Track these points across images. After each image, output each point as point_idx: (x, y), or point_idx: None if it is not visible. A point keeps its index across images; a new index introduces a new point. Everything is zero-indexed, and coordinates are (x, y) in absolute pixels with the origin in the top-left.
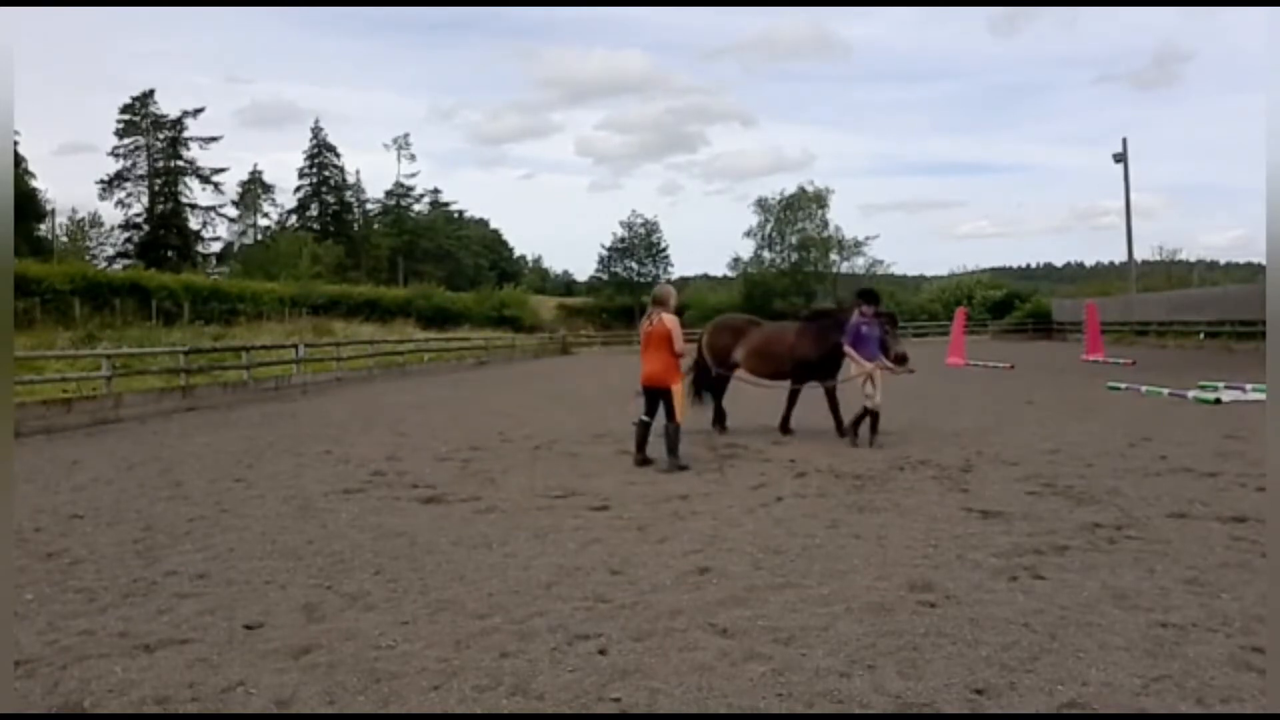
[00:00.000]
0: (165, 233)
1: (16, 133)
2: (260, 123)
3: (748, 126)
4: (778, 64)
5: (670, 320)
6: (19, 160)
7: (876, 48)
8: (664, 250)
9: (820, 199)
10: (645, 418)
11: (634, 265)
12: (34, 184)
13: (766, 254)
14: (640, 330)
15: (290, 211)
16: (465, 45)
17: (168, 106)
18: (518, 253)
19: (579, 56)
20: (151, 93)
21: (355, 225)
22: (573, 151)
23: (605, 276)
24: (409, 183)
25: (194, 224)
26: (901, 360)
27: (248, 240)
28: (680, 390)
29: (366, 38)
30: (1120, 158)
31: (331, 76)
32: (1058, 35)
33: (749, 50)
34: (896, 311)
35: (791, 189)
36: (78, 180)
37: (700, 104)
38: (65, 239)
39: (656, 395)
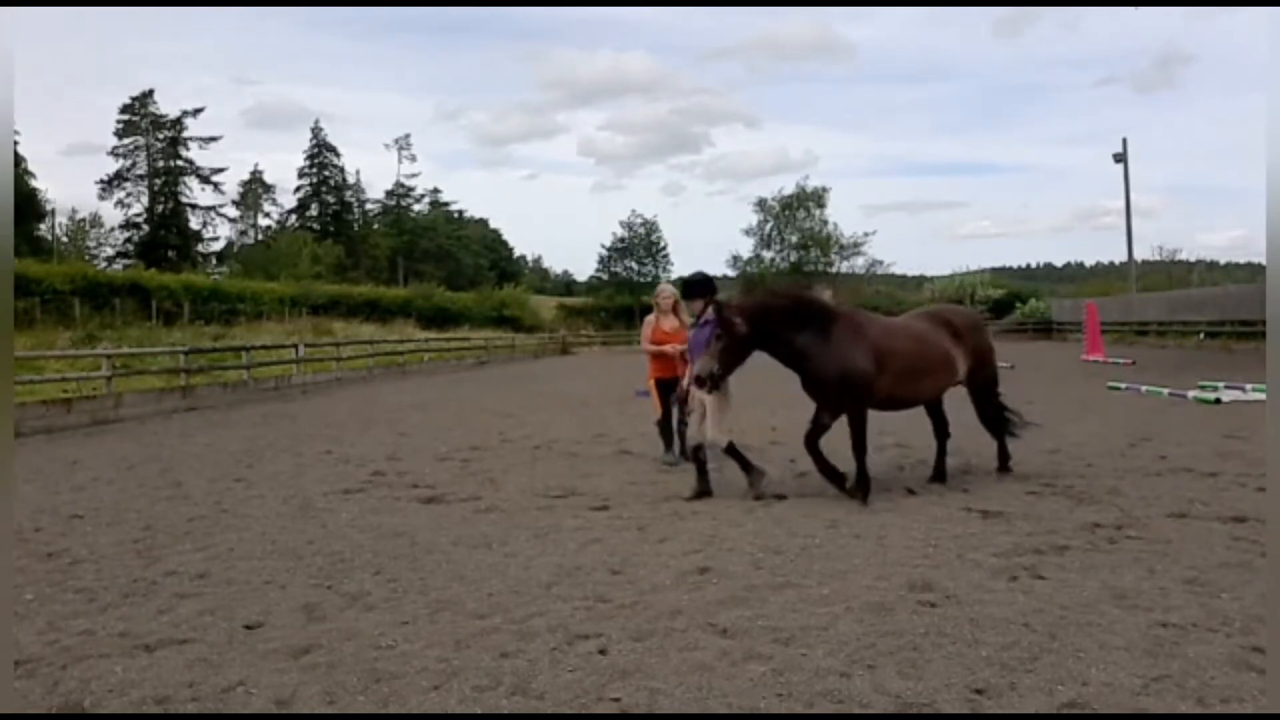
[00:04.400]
0: (165, 233)
1: (17, 133)
2: (267, 123)
3: (751, 127)
4: (782, 65)
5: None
6: (19, 160)
7: (880, 49)
8: (664, 250)
9: (818, 197)
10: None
11: (634, 265)
12: (35, 184)
13: (766, 253)
14: None
15: (290, 211)
16: (471, 47)
17: (175, 106)
18: (518, 253)
19: (584, 58)
20: (150, 93)
21: (355, 225)
22: (575, 152)
23: (605, 276)
24: (409, 183)
25: (194, 224)
26: (709, 382)
27: (248, 240)
28: (652, 387)
29: (373, 40)
30: (1120, 158)
31: (338, 78)
32: (1060, 37)
33: (753, 51)
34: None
35: (791, 189)
36: (85, 180)
37: (704, 105)
38: (65, 239)
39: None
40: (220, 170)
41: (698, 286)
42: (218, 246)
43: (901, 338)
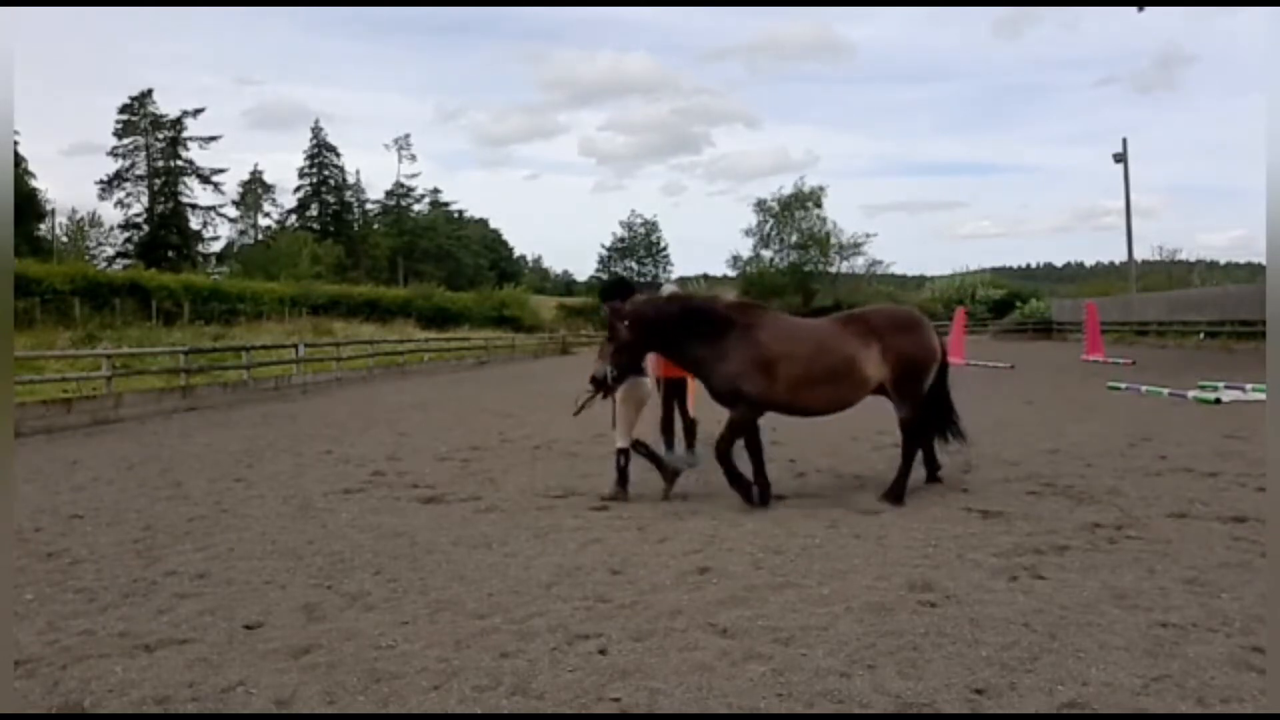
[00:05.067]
0: (165, 233)
1: (17, 133)
2: (267, 123)
3: (751, 127)
4: (782, 65)
5: None
6: (19, 160)
7: (880, 49)
8: (664, 250)
9: (815, 197)
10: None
11: (634, 265)
12: (35, 184)
13: (766, 253)
14: None
15: (290, 211)
16: (472, 48)
17: (175, 107)
18: (518, 253)
19: (585, 58)
20: (150, 92)
21: (355, 225)
22: (576, 152)
23: (605, 276)
24: (410, 183)
25: (194, 224)
26: (603, 384)
27: (248, 240)
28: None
29: (373, 40)
30: (1120, 158)
31: (338, 78)
32: (1060, 38)
33: (753, 51)
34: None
35: (790, 189)
36: (85, 180)
37: (705, 105)
38: (65, 239)
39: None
40: (220, 170)
41: (611, 289)
42: (218, 246)
43: (798, 342)
